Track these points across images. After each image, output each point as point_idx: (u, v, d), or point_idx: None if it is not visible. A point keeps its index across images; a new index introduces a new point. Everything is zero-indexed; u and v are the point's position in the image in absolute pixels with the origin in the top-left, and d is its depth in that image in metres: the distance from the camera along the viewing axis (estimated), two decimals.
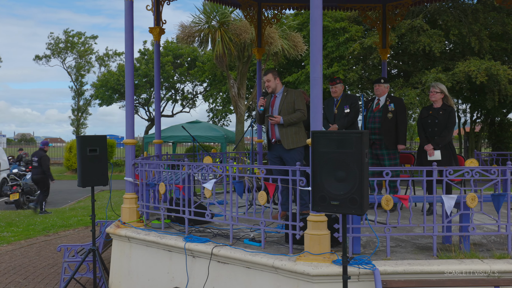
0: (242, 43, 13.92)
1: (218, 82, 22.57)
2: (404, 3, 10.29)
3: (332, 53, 19.46)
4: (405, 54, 21.36)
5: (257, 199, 6.02)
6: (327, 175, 3.76)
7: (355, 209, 3.66)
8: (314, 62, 4.32)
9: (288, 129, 6.01)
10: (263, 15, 10.45)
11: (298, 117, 6.03)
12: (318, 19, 4.32)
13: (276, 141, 6.05)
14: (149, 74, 27.21)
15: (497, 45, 20.83)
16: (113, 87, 27.70)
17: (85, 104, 44.55)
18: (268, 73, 6.18)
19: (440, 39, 18.91)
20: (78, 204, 15.20)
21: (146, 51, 28.92)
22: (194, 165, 5.33)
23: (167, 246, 5.24)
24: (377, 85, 6.98)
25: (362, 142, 3.62)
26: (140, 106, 30.38)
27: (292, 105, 6.06)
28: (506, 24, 20.85)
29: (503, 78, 18.04)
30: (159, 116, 8.79)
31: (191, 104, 31.36)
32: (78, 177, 5.89)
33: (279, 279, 4.36)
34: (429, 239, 5.08)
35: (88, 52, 42.44)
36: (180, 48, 27.95)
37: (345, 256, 3.81)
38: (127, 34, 6.06)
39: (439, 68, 18.80)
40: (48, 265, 7.88)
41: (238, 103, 14.68)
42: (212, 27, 13.71)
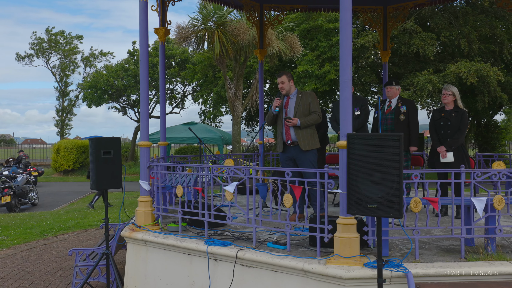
0: (239, 44, 13.88)
1: (209, 83, 22.48)
2: (405, 6, 10.36)
3: (324, 54, 19.52)
4: (395, 56, 21.53)
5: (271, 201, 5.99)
6: (363, 178, 3.75)
7: (393, 212, 3.65)
8: (344, 65, 4.30)
9: (304, 130, 6.01)
10: (265, 16, 10.43)
11: (314, 119, 6.03)
12: (347, 21, 4.31)
13: (291, 143, 6.02)
14: (138, 74, 26.90)
15: (485, 48, 21.14)
16: (102, 88, 27.39)
17: (70, 105, 44.05)
18: (282, 75, 6.16)
19: (432, 42, 19.10)
20: (72, 207, 14.98)
21: (136, 52, 28.64)
22: (215, 167, 5.27)
23: (188, 249, 5.18)
24: (388, 87, 7.00)
25: (400, 144, 3.62)
26: (129, 107, 30.09)
27: (308, 107, 6.06)
28: (494, 27, 21.18)
29: (493, 80, 18.31)
30: (164, 117, 8.71)
31: (180, 105, 31.17)
32: (92, 180, 5.78)
33: (308, 282, 4.33)
34: (450, 241, 5.11)
35: (73, 51, 41.92)
36: (170, 49, 27.75)
37: (380, 259, 3.81)
38: (141, 35, 5.98)
39: (430, 70, 18.99)
40: (52, 269, 7.73)
41: (235, 104, 14.62)
42: (209, 28, 13.63)
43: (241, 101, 15.11)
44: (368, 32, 19.73)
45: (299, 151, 6.05)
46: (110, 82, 26.99)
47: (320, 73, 18.17)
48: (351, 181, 3.79)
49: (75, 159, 27.01)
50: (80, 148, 27.09)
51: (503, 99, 19.83)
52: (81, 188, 21.31)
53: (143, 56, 5.98)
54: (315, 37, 20.13)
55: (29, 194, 15.99)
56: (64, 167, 26.41)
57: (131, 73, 26.97)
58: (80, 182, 23.98)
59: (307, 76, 19.61)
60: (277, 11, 10.41)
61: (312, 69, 18.47)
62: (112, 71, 27.77)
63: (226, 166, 5.14)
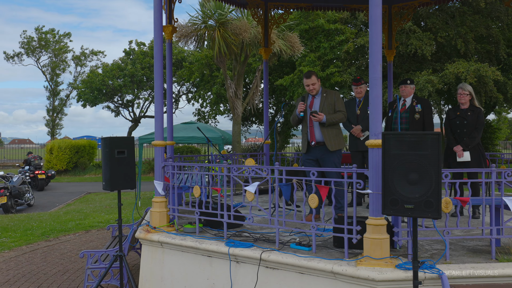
0: (240, 43, 13.76)
1: (206, 82, 22.32)
2: (411, 5, 10.29)
3: (326, 55, 19.45)
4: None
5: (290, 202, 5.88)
6: (399, 177, 3.65)
7: (431, 212, 3.56)
8: (374, 62, 4.21)
9: (330, 130, 5.91)
10: (270, 14, 10.32)
11: (339, 118, 5.95)
12: (377, 18, 4.23)
13: (316, 144, 5.93)
14: (135, 74, 26.67)
15: (481, 48, 21.23)
16: (98, 88, 27.06)
17: (61, 104, 43.61)
18: (311, 75, 6.04)
19: (430, 42, 19.12)
20: (70, 208, 14.76)
21: (132, 51, 28.36)
22: (235, 167, 5.15)
23: (208, 251, 5.05)
24: (403, 86, 6.93)
25: (439, 143, 3.53)
26: (123, 107, 29.80)
27: (333, 106, 5.97)
28: (489, 27, 21.28)
29: (490, 80, 18.39)
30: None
31: (175, 105, 30.93)
32: (106, 180, 5.63)
33: (337, 284, 4.23)
34: (474, 241, 5.04)
35: (63, 50, 41.49)
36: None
37: (416, 260, 3.72)
38: (156, 32, 5.87)
39: (429, 70, 19.01)
40: (59, 271, 7.57)
41: (235, 104, 14.49)
42: (209, 26, 13.49)
43: (241, 100, 14.97)
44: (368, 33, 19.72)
45: (324, 152, 5.95)
46: (106, 81, 26.69)
47: (324, 75, 18.10)
48: (386, 181, 3.69)
49: (69, 159, 26.72)
50: (73, 148, 26.80)
51: (499, 99, 19.94)
52: (76, 188, 21.07)
53: (157, 54, 5.86)
54: (315, 37, 20.07)
55: (25, 195, 15.74)
56: (57, 167, 26.09)
57: (128, 73, 26.69)
58: (74, 183, 23.72)
59: None
60: (282, 9, 10.31)
61: (315, 71, 18.38)
62: (107, 71, 27.48)
63: (247, 166, 5.03)
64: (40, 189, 20.19)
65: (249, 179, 5.04)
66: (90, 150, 27.76)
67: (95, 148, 28.69)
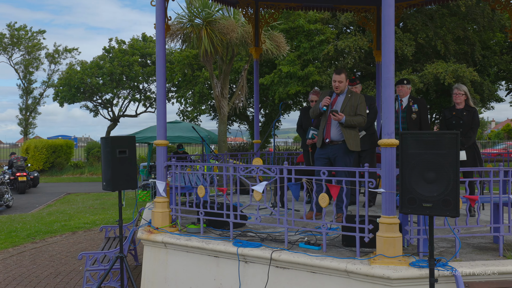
0: (227, 42, 13.71)
1: (188, 82, 22.17)
2: (399, 6, 10.42)
3: (306, 55, 19.56)
4: (373, 57, 21.80)
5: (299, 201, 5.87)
6: (416, 176, 3.69)
7: (450, 210, 3.62)
8: (387, 62, 4.25)
9: (350, 131, 5.86)
10: (261, 14, 10.31)
11: (359, 121, 5.89)
12: (390, 18, 4.26)
13: (330, 142, 5.90)
14: (114, 72, 26.26)
15: (459, 49, 21.67)
16: (76, 86, 26.55)
17: (34, 103, 42.67)
18: (341, 73, 5.97)
19: (410, 42, 19.42)
20: (51, 209, 14.45)
21: (111, 49, 27.94)
22: (241, 167, 5.13)
23: (215, 251, 5.02)
24: (400, 86, 7.01)
25: (457, 143, 3.58)
26: (102, 106, 29.33)
27: (355, 108, 5.90)
28: (466, 29, 21.74)
29: (468, 80, 18.79)
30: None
31: (155, 104, 30.58)
32: (106, 180, 5.54)
33: (350, 283, 4.25)
34: (477, 239, 5.13)
35: (36, 47, 40.57)
36: (147, 47, 27.21)
37: (432, 258, 3.77)
38: (158, 30, 5.80)
39: (409, 70, 19.30)
40: (51, 274, 7.41)
41: (221, 103, 14.43)
42: (196, 25, 13.40)
43: (227, 100, 14.92)
44: (349, 36, 19.91)
45: (337, 151, 5.89)
46: (85, 79, 26.19)
47: (303, 74, 18.18)
48: (404, 180, 3.72)
49: (45, 159, 26.19)
50: (50, 148, 26.28)
51: (476, 99, 20.39)
52: (54, 189, 20.64)
53: (160, 52, 5.79)
54: (296, 37, 20.18)
55: (4, 196, 15.34)
56: (33, 167, 25.51)
57: (106, 71, 26.26)
58: (52, 183, 23.24)
59: (288, 77, 19.62)
60: (272, 9, 10.31)
61: (295, 70, 18.46)
62: (86, 68, 26.99)
63: (255, 165, 5.01)
64: (21, 192, 19.06)
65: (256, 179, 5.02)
66: (67, 150, 27.25)
67: (72, 148, 28.19)
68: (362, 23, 10.87)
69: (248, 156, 10.11)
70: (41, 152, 25.87)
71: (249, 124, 25.43)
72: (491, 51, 23.27)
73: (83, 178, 25.47)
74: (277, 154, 10.79)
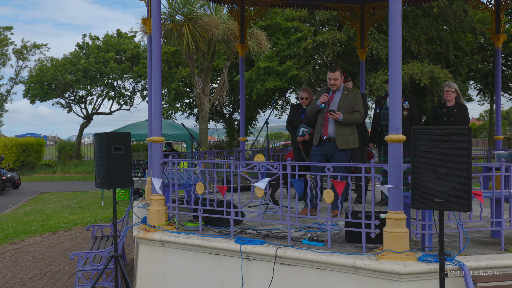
0: (208, 39, 13.59)
1: (164, 79, 21.90)
2: (383, 5, 10.53)
3: (283, 51, 19.60)
4: (349, 56, 22.03)
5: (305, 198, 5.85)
6: (428, 171, 3.71)
7: (462, 205, 3.64)
8: (395, 58, 4.26)
9: (343, 128, 5.87)
10: (247, 11, 10.26)
11: (356, 118, 5.91)
12: (397, 14, 4.27)
13: (328, 139, 5.90)
14: (89, 68, 25.67)
15: (432, 49, 22.09)
16: (49, 82, 25.85)
17: (1, 100, 41.43)
18: (336, 70, 5.98)
19: (385, 43, 19.67)
20: (26, 208, 14.04)
21: (85, 45, 27.31)
22: (243, 163, 5.07)
23: (216, 249, 4.94)
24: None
25: (469, 138, 3.61)
26: (75, 103, 28.65)
27: (352, 105, 5.91)
28: (439, 30, 22.18)
29: (443, 81, 19.16)
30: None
31: (130, 102, 30.12)
32: (100, 178, 5.40)
33: (358, 279, 4.25)
34: (475, 233, 5.21)
35: (4, 43, 39.35)
36: (122, 44, 26.75)
37: (442, 253, 3.79)
38: (154, 23, 5.67)
39: (385, 71, 19.56)
40: (35, 275, 7.19)
41: (203, 101, 14.30)
42: (177, 22, 13.23)
43: (209, 97, 14.80)
44: (328, 30, 20.06)
45: (334, 148, 5.91)
46: (58, 76, 25.52)
47: (281, 70, 18.20)
48: (415, 175, 3.73)
49: (15, 158, 25.47)
50: (20, 146, 25.59)
51: None
52: (26, 188, 20.09)
53: (155, 46, 5.66)
54: (273, 35, 20.21)
55: None
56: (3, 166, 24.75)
57: (81, 67, 25.65)
58: (23, 182, 22.57)
59: (266, 73, 19.62)
60: (258, 6, 10.27)
61: (272, 65, 18.47)
62: (60, 65, 26.32)
63: (257, 162, 4.96)
64: None
65: (259, 175, 4.97)
66: (38, 148, 26.58)
67: (43, 146, 27.53)
68: (346, 22, 10.94)
69: (234, 153, 10.05)
70: (11, 150, 25.15)
71: (226, 122, 25.33)
72: (462, 51, 23.81)
73: (56, 177, 24.88)
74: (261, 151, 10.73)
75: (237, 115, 25.61)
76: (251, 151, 10.29)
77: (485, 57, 25.67)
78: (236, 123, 25.59)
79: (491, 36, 9.00)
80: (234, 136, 25.01)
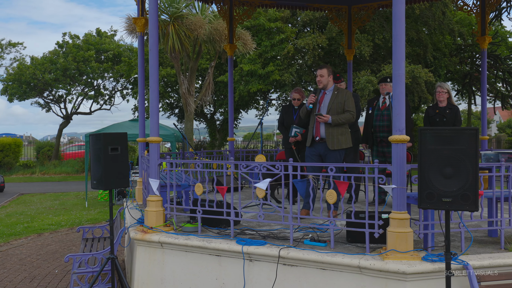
0: (194, 39, 13.49)
1: (146, 79, 21.60)
2: (370, 6, 10.62)
3: (266, 53, 19.61)
4: (331, 56, 22.18)
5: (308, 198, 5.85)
6: (435, 172, 3.74)
7: (469, 205, 3.68)
8: (399, 59, 4.29)
9: (334, 129, 5.88)
10: (235, 11, 10.22)
11: (347, 118, 5.92)
12: (401, 15, 4.31)
13: (320, 139, 5.92)
14: (68, 67, 25.20)
15: (412, 51, 22.39)
16: (28, 81, 25.28)
17: None
18: (323, 68, 5.99)
19: (368, 43, 19.86)
20: (7, 210, 13.73)
21: (65, 44, 26.81)
22: (243, 163, 5.04)
23: (217, 250, 4.91)
24: (383, 84, 7.12)
25: (477, 138, 3.66)
26: (54, 103, 28.10)
27: (342, 105, 5.92)
28: (419, 32, 22.50)
29: (423, 81, 19.45)
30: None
31: (109, 101, 29.66)
32: (97, 179, 5.32)
33: (363, 279, 4.26)
34: (473, 233, 5.28)
35: None
36: (102, 43, 26.34)
37: (448, 252, 3.84)
38: (151, 23, 5.60)
39: (368, 71, 19.75)
40: (25, 278, 7.04)
41: (188, 101, 14.20)
42: (162, 21, 13.11)
43: (194, 97, 14.70)
44: (308, 34, 20.13)
45: (326, 149, 5.93)
46: (37, 75, 24.98)
47: (264, 73, 18.20)
48: (423, 175, 3.76)
49: None
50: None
51: (428, 99, 21.14)
52: (5, 189, 19.65)
53: (152, 45, 5.61)
54: (256, 35, 20.20)
55: None
56: None
57: (60, 66, 25.15)
58: None
59: (249, 75, 19.59)
60: (247, 6, 10.25)
61: (255, 68, 18.45)
62: (39, 64, 25.76)
63: (258, 163, 4.94)
64: None
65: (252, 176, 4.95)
66: (15, 149, 25.99)
67: (21, 146, 26.96)
68: (334, 22, 11.00)
69: (222, 154, 10.02)
70: None
71: (208, 122, 25.20)
72: (440, 53, 24.20)
73: (35, 178, 24.39)
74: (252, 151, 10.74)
75: (218, 115, 25.53)
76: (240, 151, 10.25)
77: (462, 58, 26.16)
78: (218, 123, 25.49)
79: (477, 38, 9.14)
80: (216, 136, 24.91)
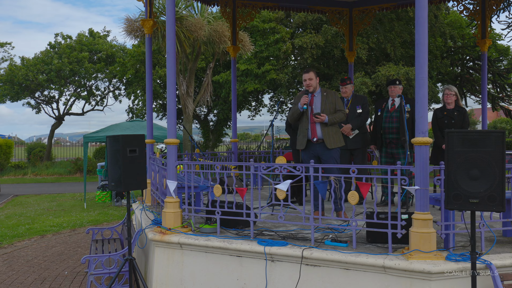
0: (193, 40, 13.50)
1: (140, 79, 21.61)
2: (370, 9, 10.75)
3: (261, 53, 19.67)
4: (325, 58, 22.29)
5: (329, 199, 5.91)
6: (462, 173, 3.83)
7: (496, 206, 3.78)
8: (421, 63, 4.37)
9: (329, 128, 6.01)
10: (238, 13, 10.27)
11: (340, 117, 6.06)
12: (424, 19, 4.38)
13: (317, 140, 6.00)
14: (63, 69, 24.98)
15: (406, 53, 22.61)
16: (20, 82, 25.01)
17: None
18: (310, 71, 6.10)
19: (363, 46, 20.02)
20: (5, 212, 13.60)
21: (58, 45, 26.58)
22: (263, 165, 5.09)
23: (238, 251, 4.95)
24: (392, 87, 7.22)
25: (503, 141, 3.75)
26: (45, 103, 27.85)
27: (334, 105, 6.06)
28: (413, 34, 22.71)
29: None
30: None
31: (100, 102, 29.46)
32: (116, 181, 5.32)
33: (387, 279, 4.34)
34: (488, 233, 5.38)
35: None
36: (96, 43, 26.18)
37: (474, 252, 3.93)
38: (169, 26, 5.62)
39: (362, 73, 19.90)
40: (35, 280, 7.01)
41: (186, 102, 14.20)
42: (161, 22, 13.09)
43: (193, 98, 14.69)
44: (305, 33, 20.23)
45: (324, 149, 6.03)
46: (30, 76, 24.71)
47: (260, 72, 18.26)
48: (450, 177, 3.85)
49: None
50: None
51: None
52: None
53: (170, 48, 5.63)
54: (251, 36, 20.27)
55: None
56: None
57: (54, 67, 24.92)
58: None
59: (244, 75, 19.63)
60: (250, 8, 10.31)
61: (251, 68, 18.50)
62: (31, 65, 25.50)
63: (278, 164, 4.99)
64: None
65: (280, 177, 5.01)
66: (6, 149, 25.72)
67: (12, 147, 26.69)
68: (335, 25, 11.10)
69: (226, 155, 10.05)
70: None
71: (201, 123, 25.19)
72: (432, 55, 24.46)
73: (27, 179, 24.18)
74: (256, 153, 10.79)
75: (212, 116, 25.51)
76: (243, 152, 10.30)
77: (453, 60, 26.47)
78: (211, 123, 25.49)
79: (477, 41, 9.28)
80: (209, 137, 24.91)
